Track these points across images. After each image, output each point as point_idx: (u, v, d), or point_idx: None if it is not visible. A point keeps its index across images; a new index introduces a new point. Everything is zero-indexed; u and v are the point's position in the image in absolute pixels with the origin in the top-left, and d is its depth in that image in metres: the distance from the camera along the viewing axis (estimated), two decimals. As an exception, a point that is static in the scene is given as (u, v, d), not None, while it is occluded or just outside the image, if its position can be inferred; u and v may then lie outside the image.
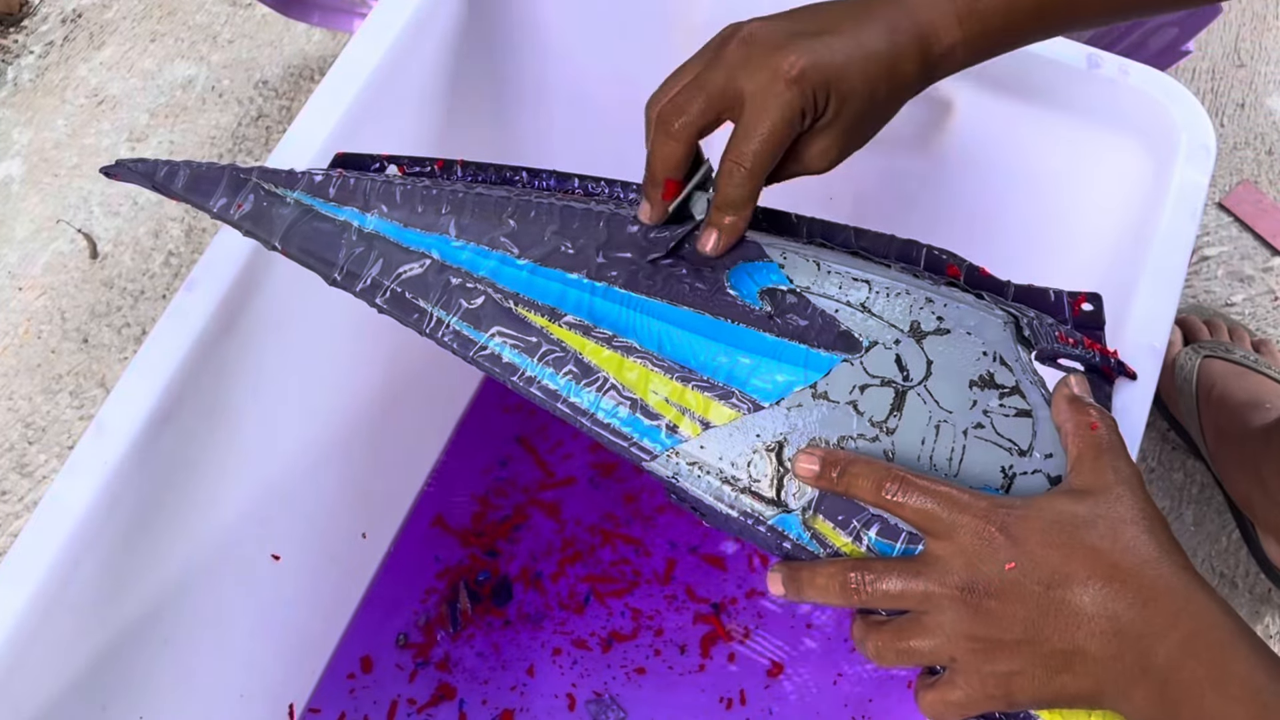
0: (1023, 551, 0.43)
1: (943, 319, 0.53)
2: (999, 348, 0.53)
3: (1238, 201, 1.05)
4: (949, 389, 0.51)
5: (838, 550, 0.49)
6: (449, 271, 0.53)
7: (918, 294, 0.54)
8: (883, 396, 0.51)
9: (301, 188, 0.56)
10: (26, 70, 1.14)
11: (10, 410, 0.96)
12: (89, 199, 1.06)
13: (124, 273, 1.02)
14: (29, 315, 1.00)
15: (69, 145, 1.09)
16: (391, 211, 0.55)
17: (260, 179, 0.56)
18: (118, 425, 0.57)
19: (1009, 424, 0.51)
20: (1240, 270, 1.05)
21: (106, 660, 0.61)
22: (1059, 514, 0.44)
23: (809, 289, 0.53)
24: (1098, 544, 0.43)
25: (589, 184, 0.58)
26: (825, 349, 0.51)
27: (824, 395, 0.50)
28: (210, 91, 1.13)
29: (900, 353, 0.52)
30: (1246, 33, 1.18)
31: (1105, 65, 0.68)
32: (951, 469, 0.50)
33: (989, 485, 0.50)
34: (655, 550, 0.90)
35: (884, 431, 0.50)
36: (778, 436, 0.50)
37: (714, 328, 0.52)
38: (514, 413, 0.96)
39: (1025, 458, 0.50)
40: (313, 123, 0.65)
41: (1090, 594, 0.42)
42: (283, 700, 0.83)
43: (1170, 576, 0.43)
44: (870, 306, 0.53)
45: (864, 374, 0.51)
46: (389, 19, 0.69)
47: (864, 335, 0.52)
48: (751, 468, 0.50)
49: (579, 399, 0.51)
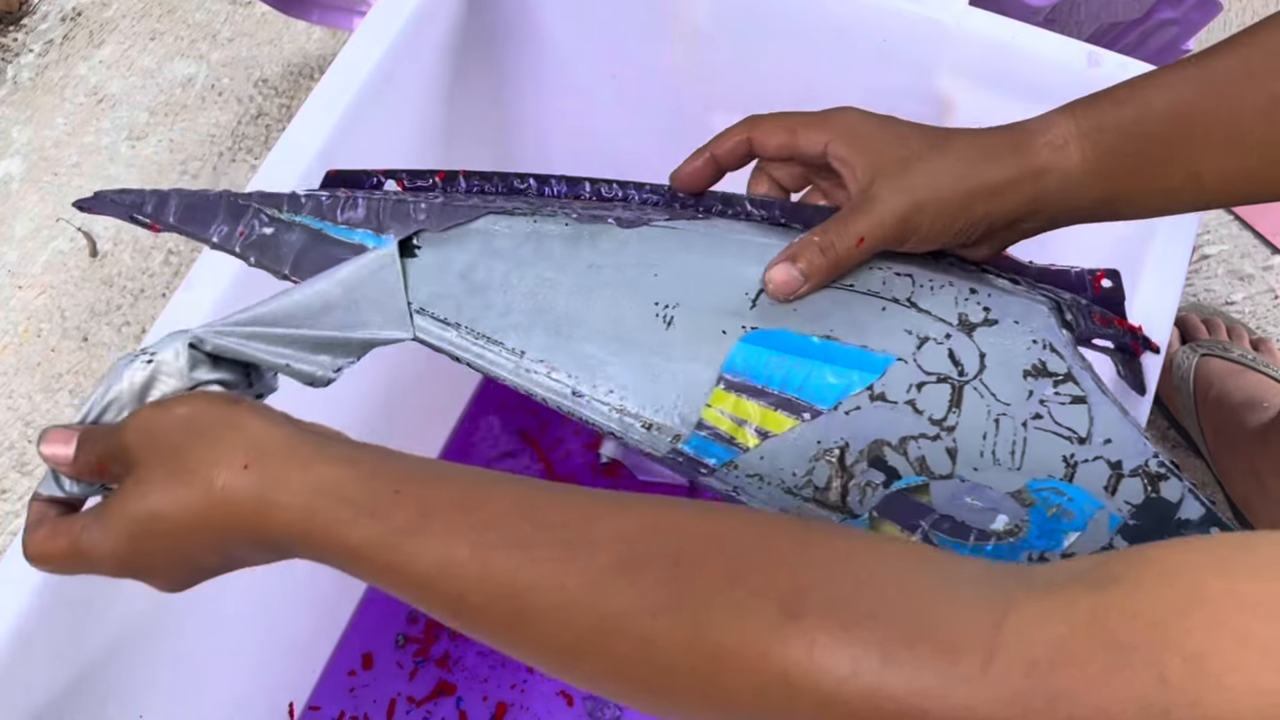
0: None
1: (989, 310, 0.52)
2: (1047, 335, 0.52)
3: (1238, 200, 1.05)
4: (1004, 381, 0.50)
5: None
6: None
7: (961, 285, 0.52)
8: (940, 393, 0.50)
9: (308, 211, 0.53)
10: (26, 69, 1.14)
11: (10, 409, 0.96)
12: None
13: (124, 271, 1.02)
14: (29, 314, 1.00)
15: (68, 144, 1.09)
16: (408, 231, 0.52)
17: (261, 204, 0.53)
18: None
19: (1066, 412, 0.50)
20: (1240, 269, 1.05)
21: (106, 658, 0.61)
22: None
23: (853, 285, 0.52)
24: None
25: (601, 186, 0.56)
26: (878, 348, 0.50)
27: (881, 396, 0.49)
28: (210, 90, 1.13)
29: (952, 347, 0.51)
30: (1247, 31, 1.18)
31: (1105, 63, 0.68)
32: (1014, 463, 0.49)
33: (1052, 476, 0.49)
34: (655, 549, 0.90)
35: (944, 430, 0.49)
36: (839, 442, 0.49)
37: (764, 335, 0.51)
38: (514, 410, 0.96)
39: (1085, 445, 0.50)
40: (312, 121, 0.65)
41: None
42: (283, 698, 0.83)
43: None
44: (917, 301, 0.51)
45: (919, 371, 0.50)
46: (389, 17, 0.69)
47: (915, 331, 0.51)
48: (814, 475, 0.49)
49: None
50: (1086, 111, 0.51)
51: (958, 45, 0.69)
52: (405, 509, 0.39)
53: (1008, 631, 0.32)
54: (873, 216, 0.49)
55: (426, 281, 0.52)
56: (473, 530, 0.38)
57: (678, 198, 0.55)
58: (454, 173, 0.56)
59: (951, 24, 0.69)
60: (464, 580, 0.38)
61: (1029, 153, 0.50)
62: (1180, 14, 0.91)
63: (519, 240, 0.52)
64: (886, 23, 0.71)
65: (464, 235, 0.52)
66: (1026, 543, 0.49)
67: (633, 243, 0.52)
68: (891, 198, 0.49)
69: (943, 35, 0.69)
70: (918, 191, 0.49)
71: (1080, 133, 0.50)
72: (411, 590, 0.39)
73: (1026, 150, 0.50)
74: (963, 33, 0.69)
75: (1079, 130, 0.50)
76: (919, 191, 0.49)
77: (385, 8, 0.69)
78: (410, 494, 0.40)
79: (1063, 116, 0.51)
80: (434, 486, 0.40)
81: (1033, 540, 0.49)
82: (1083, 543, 0.50)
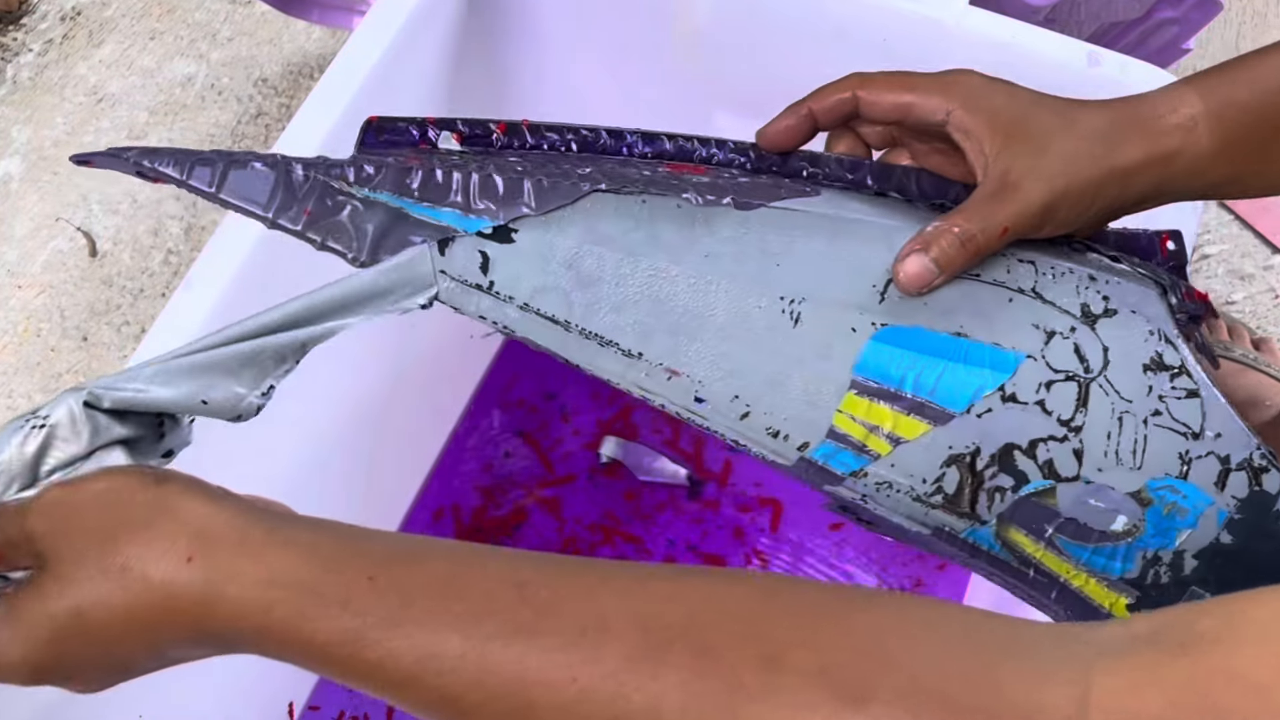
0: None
1: (1108, 299, 0.49)
2: (1161, 324, 0.49)
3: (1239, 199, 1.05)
4: (1126, 376, 0.48)
5: (1030, 558, 0.47)
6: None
7: (1080, 272, 0.49)
8: (1067, 392, 0.47)
9: (384, 187, 0.46)
10: (26, 68, 1.14)
11: (9, 408, 0.96)
12: (88, 197, 1.06)
13: (123, 271, 1.02)
14: (28, 313, 1.00)
15: (68, 143, 1.09)
16: (503, 213, 0.46)
17: (326, 176, 0.46)
18: (117, 424, 0.57)
19: (1181, 407, 0.48)
20: (1240, 268, 1.04)
21: (106, 659, 0.61)
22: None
23: (979, 275, 0.48)
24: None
25: (681, 142, 0.51)
26: (1008, 345, 0.48)
27: (1013, 397, 0.47)
28: (210, 89, 1.13)
29: (1077, 341, 0.48)
30: (1247, 30, 1.18)
31: (1105, 63, 0.68)
32: (1135, 462, 0.47)
33: (1169, 474, 0.48)
34: (655, 548, 0.90)
35: (1071, 431, 0.47)
36: (969, 447, 0.47)
37: (896, 332, 0.47)
38: (515, 409, 0.96)
39: (1198, 441, 0.48)
40: (312, 121, 0.65)
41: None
42: (283, 698, 0.83)
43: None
44: (1041, 291, 0.48)
45: (1048, 369, 0.47)
46: (388, 17, 0.69)
47: (1041, 325, 0.48)
48: (944, 482, 0.47)
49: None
50: (1213, 89, 0.48)
51: (958, 45, 0.69)
52: (382, 598, 0.34)
53: (1095, 710, 0.28)
54: (1017, 205, 0.46)
55: (530, 272, 0.45)
56: (464, 619, 0.34)
57: (763, 157, 0.51)
58: (515, 123, 0.49)
59: (952, 23, 0.69)
60: (457, 676, 0.33)
61: (1159, 134, 0.47)
62: (1180, 13, 0.91)
63: (628, 225, 0.46)
64: (887, 22, 0.71)
65: (565, 218, 0.46)
66: (1142, 542, 0.48)
67: (751, 228, 0.47)
68: (1035, 185, 0.46)
69: (943, 35, 0.69)
70: (1058, 178, 0.46)
71: (1208, 111, 0.47)
72: (392, 689, 0.34)
73: (1156, 130, 0.47)
74: (963, 32, 0.69)
75: (1206, 109, 0.47)
76: (1059, 178, 0.46)
77: (385, 7, 0.69)
78: (386, 580, 0.35)
79: (1189, 93, 0.48)
80: (412, 568, 0.35)
81: (1148, 539, 0.48)
82: (1194, 540, 0.49)
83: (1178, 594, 0.49)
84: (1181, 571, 0.49)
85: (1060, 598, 0.49)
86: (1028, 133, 0.47)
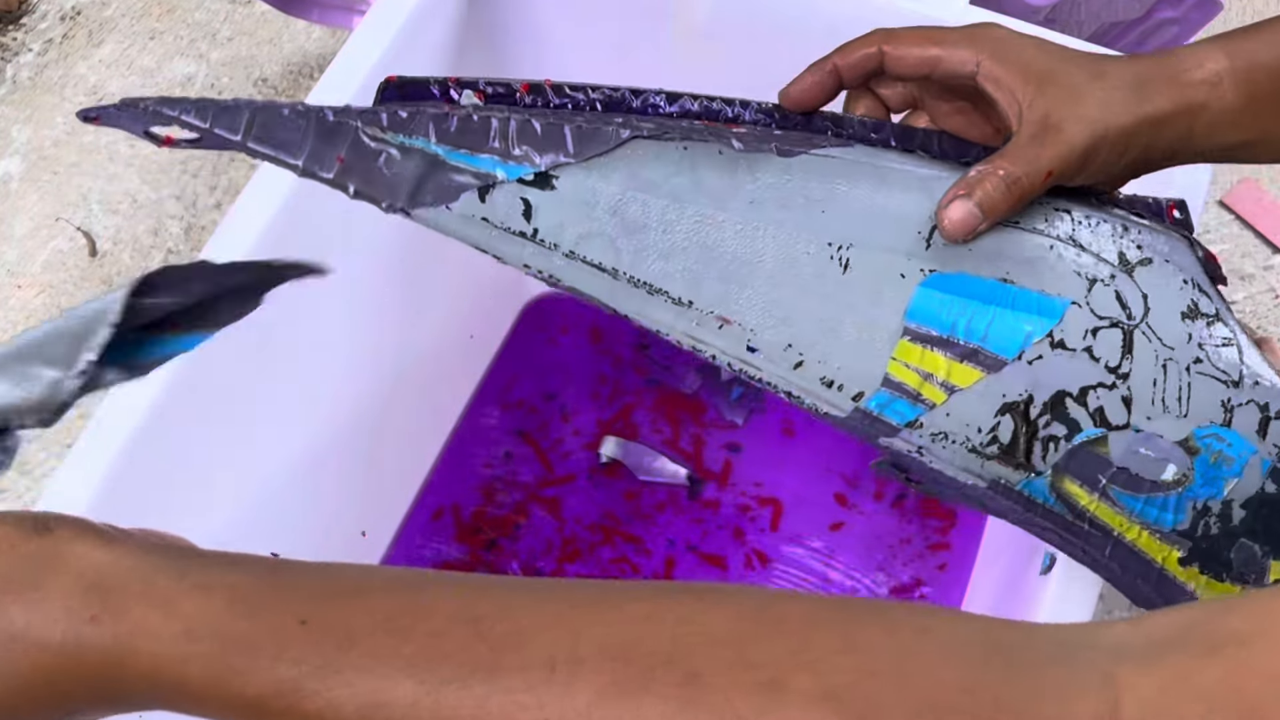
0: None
1: (1142, 247, 0.50)
2: (1193, 274, 0.50)
3: (1239, 199, 1.05)
4: (1166, 323, 0.49)
5: (1084, 511, 0.47)
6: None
7: (1114, 221, 0.50)
8: (1113, 339, 0.48)
9: (420, 132, 0.44)
10: (25, 68, 1.14)
11: (9, 408, 0.96)
12: (88, 197, 1.06)
13: (123, 270, 1.02)
14: (28, 313, 1.00)
15: (68, 143, 1.09)
16: (543, 159, 0.45)
17: (361, 123, 0.44)
18: (116, 423, 0.57)
19: (1220, 354, 0.49)
20: (1241, 268, 1.04)
21: (105, 659, 0.61)
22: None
23: (1019, 223, 0.48)
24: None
25: (705, 101, 0.50)
26: (1053, 291, 0.48)
27: (1061, 344, 0.47)
28: (210, 89, 1.13)
29: (1118, 289, 0.49)
30: (1247, 30, 1.18)
31: (1106, 63, 0.67)
32: (1182, 410, 0.48)
33: (1214, 422, 0.48)
34: (655, 549, 0.90)
35: (1119, 378, 0.48)
36: (1022, 395, 0.47)
37: (944, 279, 0.47)
38: (515, 409, 0.96)
39: (1238, 389, 0.49)
40: (312, 121, 0.65)
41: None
42: (282, 699, 0.83)
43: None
44: (1079, 240, 0.49)
45: (1093, 316, 0.48)
46: (388, 17, 0.69)
47: (1083, 273, 0.48)
48: (999, 431, 0.47)
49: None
50: (1239, 48, 0.48)
51: (958, 44, 0.69)
52: (318, 643, 0.30)
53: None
54: (1061, 147, 0.46)
55: (574, 219, 0.45)
56: (414, 661, 0.29)
57: (787, 118, 0.51)
58: (538, 83, 0.48)
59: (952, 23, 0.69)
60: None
61: (1186, 86, 0.48)
62: (1180, 13, 0.91)
63: (670, 170, 0.46)
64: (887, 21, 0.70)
65: (607, 164, 0.45)
66: (1191, 492, 0.49)
67: (795, 174, 0.47)
68: (1077, 128, 0.46)
69: (943, 34, 0.69)
70: (1098, 123, 0.46)
71: (1233, 69, 0.48)
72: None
73: (1182, 83, 0.48)
74: (963, 32, 0.69)
75: (1232, 66, 0.48)
76: (1099, 123, 0.46)
77: (385, 7, 0.69)
78: (321, 621, 0.30)
79: (1215, 51, 0.48)
80: (350, 605, 0.31)
81: (1197, 489, 0.49)
82: (1240, 489, 0.49)
83: (1227, 545, 0.50)
84: (1230, 522, 0.49)
85: (1115, 553, 0.49)
86: (1060, 82, 0.47)
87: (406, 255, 0.81)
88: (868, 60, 0.49)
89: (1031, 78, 0.47)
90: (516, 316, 1.00)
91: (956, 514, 0.90)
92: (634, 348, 0.98)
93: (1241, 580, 0.50)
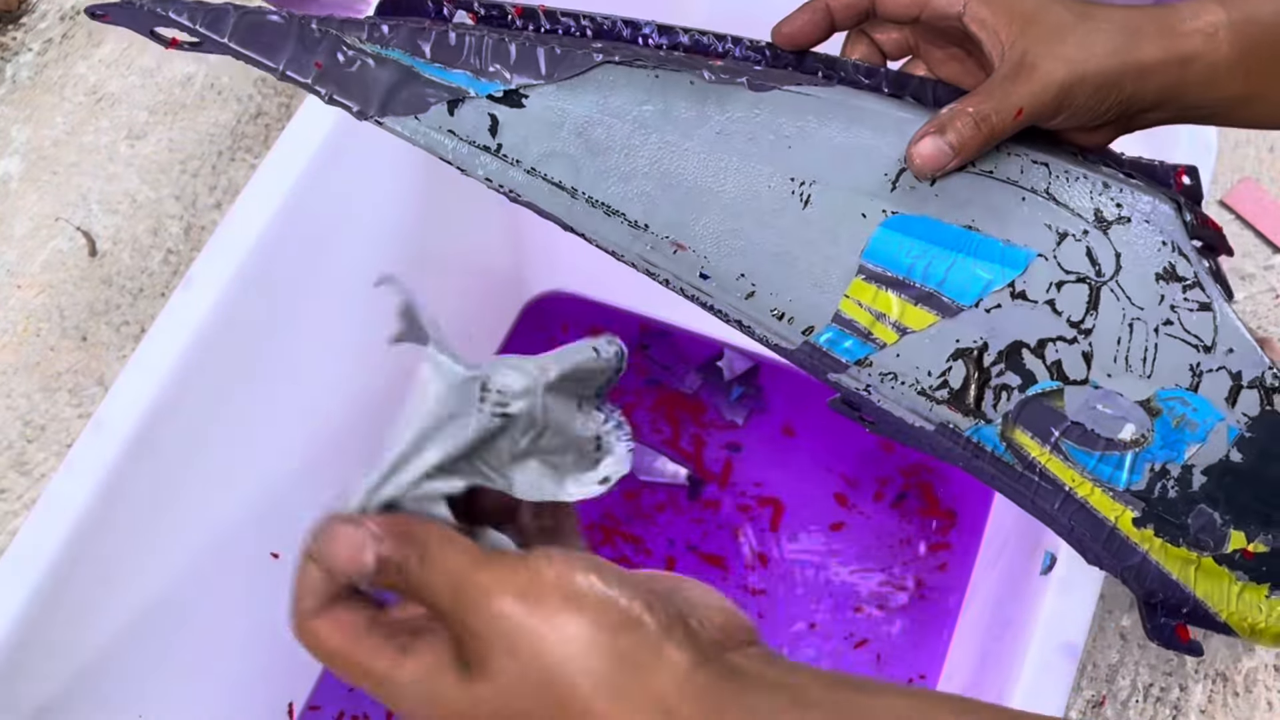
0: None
1: (1121, 205, 0.50)
2: (1174, 237, 0.50)
3: (1239, 199, 1.05)
4: (1138, 283, 0.49)
5: (1034, 462, 0.48)
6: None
7: (1094, 178, 0.50)
8: (1078, 294, 0.48)
9: (396, 44, 0.46)
10: (25, 68, 1.14)
11: (9, 408, 0.96)
12: (88, 197, 1.06)
13: (123, 270, 1.02)
14: (27, 313, 1.00)
15: (67, 143, 1.09)
16: (515, 78, 0.46)
17: (340, 32, 0.46)
18: (116, 423, 0.57)
19: (1194, 319, 0.49)
20: (1241, 268, 1.04)
21: (105, 659, 0.61)
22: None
23: (992, 172, 0.49)
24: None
25: (697, 36, 0.50)
26: (1020, 242, 0.48)
27: (1022, 295, 0.48)
28: (209, 89, 1.12)
29: (1090, 244, 0.49)
30: (1247, 30, 1.18)
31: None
32: (1145, 370, 0.48)
33: (1180, 385, 0.48)
34: (655, 549, 0.90)
35: (1081, 333, 0.48)
36: (977, 342, 0.47)
37: (905, 221, 0.48)
38: (514, 411, 0.96)
39: (1210, 354, 0.49)
40: (312, 120, 0.65)
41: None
42: (282, 698, 0.83)
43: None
44: (1054, 193, 0.49)
45: (1059, 269, 0.48)
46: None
47: (1054, 226, 0.49)
48: (949, 376, 0.47)
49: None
50: (1237, 3, 0.48)
51: (959, 44, 0.69)
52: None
53: None
54: (1033, 85, 0.46)
55: (539, 138, 0.46)
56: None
57: (779, 56, 0.51)
58: (532, 8, 0.49)
59: None
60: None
61: (1179, 36, 0.47)
62: None
63: (640, 97, 0.47)
64: (887, 21, 0.71)
65: (577, 86, 0.46)
66: (1149, 453, 0.49)
67: (765, 109, 0.48)
68: (1052, 66, 0.46)
69: (944, 34, 0.69)
70: (1076, 63, 0.46)
71: (1230, 22, 0.48)
72: None
73: (1176, 33, 0.47)
74: (964, 31, 0.69)
75: (1229, 20, 0.48)
76: (1078, 63, 0.46)
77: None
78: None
79: (1213, 3, 0.48)
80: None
81: (1155, 451, 0.49)
82: (1203, 455, 0.49)
83: (1185, 509, 0.50)
84: (1189, 487, 0.50)
85: (1065, 507, 0.49)
86: (1045, 22, 0.47)
87: (406, 256, 0.81)
88: (860, 0, 0.50)
89: (1016, 18, 0.47)
90: (516, 316, 1.00)
91: (957, 514, 0.90)
92: (634, 348, 0.98)
93: (1198, 546, 0.50)
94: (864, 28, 0.52)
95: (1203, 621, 0.50)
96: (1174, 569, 0.50)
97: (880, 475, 0.92)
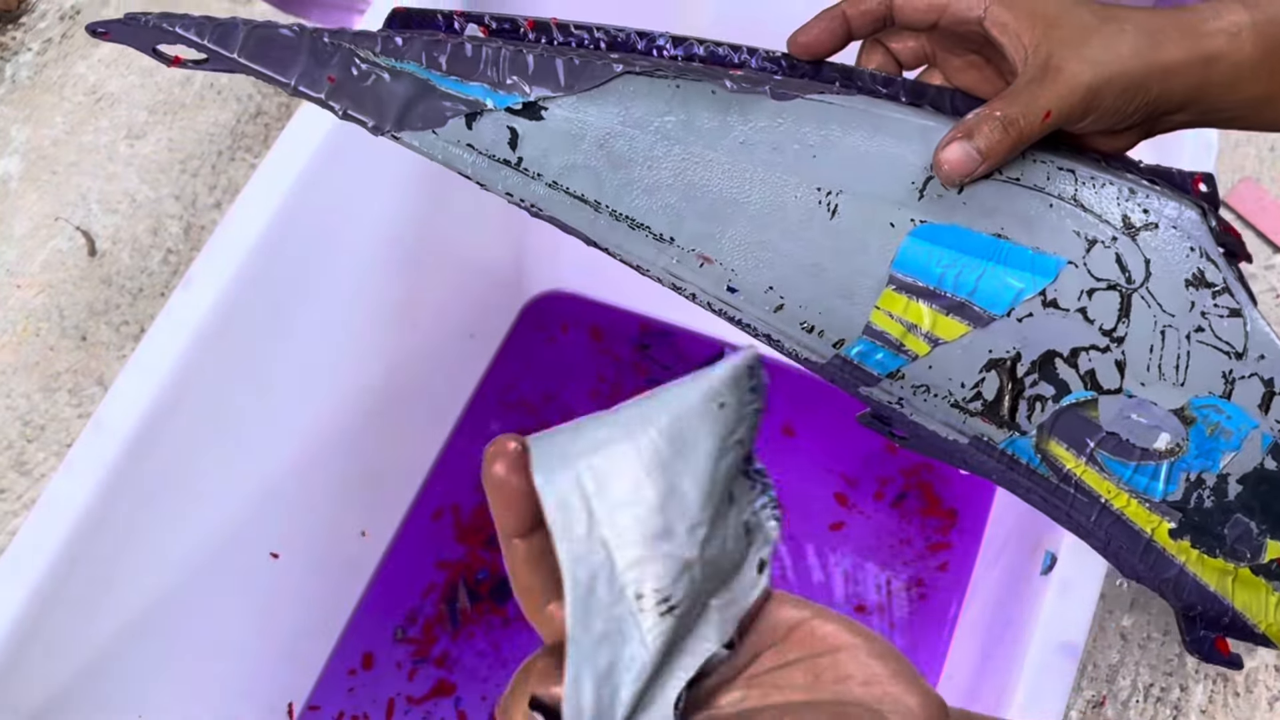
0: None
1: (1148, 211, 0.49)
2: (1202, 243, 0.49)
3: (1240, 199, 1.05)
4: (1168, 290, 0.48)
5: (1070, 474, 0.47)
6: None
7: (1120, 184, 0.49)
8: (1109, 301, 0.47)
9: (411, 57, 0.45)
10: (25, 67, 1.14)
11: (9, 408, 0.96)
12: (87, 196, 1.06)
13: (122, 270, 1.02)
14: (27, 313, 1.00)
15: (67, 143, 1.09)
16: (534, 90, 0.45)
17: (354, 44, 0.45)
18: (116, 423, 0.57)
19: (1224, 325, 0.48)
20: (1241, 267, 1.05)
21: (105, 659, 0.61)
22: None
23: (1019, 179, 0.48)
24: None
25: (712, 47, 0.50)
26: (1049, 250, 0.47)
27: (1054, 303, 0.47)
28: (209, 89, 1.12)
29: (1119, 251, 0.48)
30: (1247, 30, 1.18)
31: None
32: (1179, 378, 0.48)
33: (1213, 393, 0.48)
34: (655, 548, 0.90)
35: (1114, 341, 0.47)
36: (1010, 352, 0.47)
37: (934, 230, 0.47)
38: (514, 409, 0.96)
39: (1242, 361, 0.48)
40: (312, 120, 0.65)
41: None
42: (282, 698, 0.83)
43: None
44: (1081, 200, 0.48)
45: (1089, 277, 0.47)
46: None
47: (1083, 233, 0.48)
48: (983, 387, 0.47)
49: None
50: (1259, 3, 0.48)
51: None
52: None
53: None
54: (1059, 88, 0.45)
55: (560, 150, 0.45)
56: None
57: (795, 67, 0.50)
58: (544, 21, 0.49)
59: None
60: None
61: (1202, 36, 0.47)
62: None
63: (661, 108, 0.46)
64: (887, 21, 0.71)
65: (597, 98, 0.46)
66: (1184, 463, 0.48)
67: (788, 118, 0.47)
68: (1078, 69, 0.45)
69: (944, 33, 0.69)
70: (1102, 65, 0.45)
71: (1254, 23, 0.47)
72: None
73: (1199, 33, 0.47)
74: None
75: (1252, 20, 0.47)
76: (1103, 65, 0.45)
77: (385, 7, 0.69)
78: None
79: (1235, 4, 0.48)
80: None
81: (1191, 460, 0.48)
82: (1238, 463, 0.49)
83: (1222, 519, 0.49)
84: (1225, 496, 0.49)
85: (1100, 520, 0.49)
86: (1069, 25, 0.46)
87: (406, 255, 0.81)
88: (877, 8, 0.49)
89: (1038, 21, 0.46)
90: (516, 316, 1.00)
91: (957, 514, 0.90)
92: (634, 347, 0.98)
93: (1235, 557, 0.49)
94: (879, 37, 0.51)
95: (1241, 633, 0.50)
96: (1211, 580, 0.49)
97: (880, 475, 0.92)
